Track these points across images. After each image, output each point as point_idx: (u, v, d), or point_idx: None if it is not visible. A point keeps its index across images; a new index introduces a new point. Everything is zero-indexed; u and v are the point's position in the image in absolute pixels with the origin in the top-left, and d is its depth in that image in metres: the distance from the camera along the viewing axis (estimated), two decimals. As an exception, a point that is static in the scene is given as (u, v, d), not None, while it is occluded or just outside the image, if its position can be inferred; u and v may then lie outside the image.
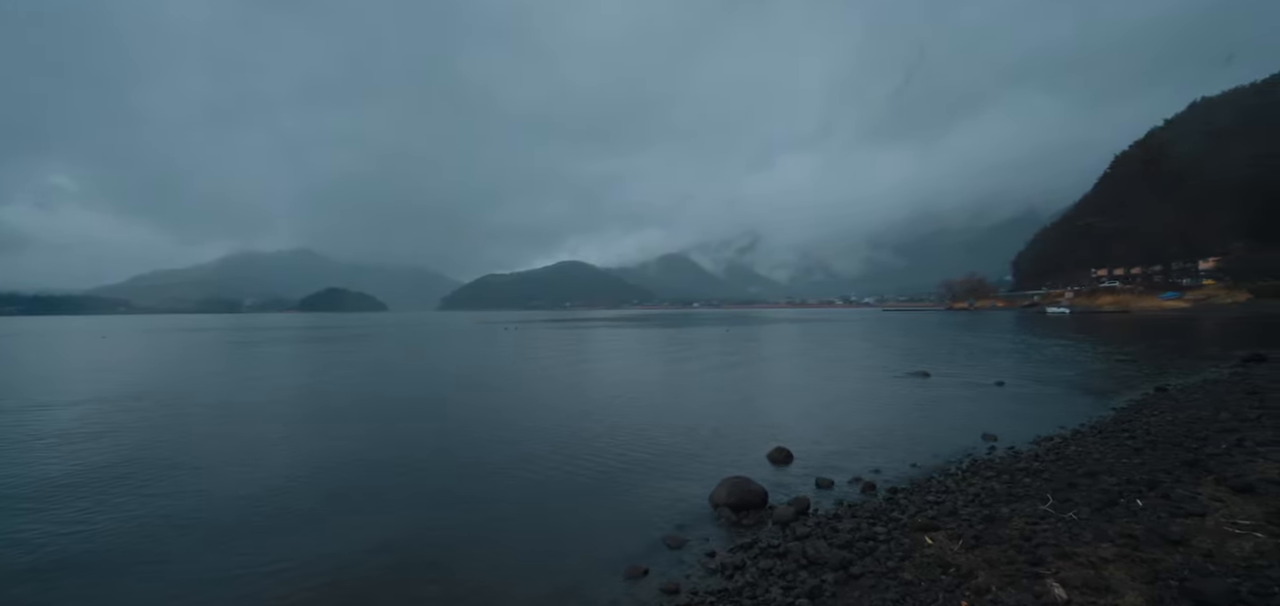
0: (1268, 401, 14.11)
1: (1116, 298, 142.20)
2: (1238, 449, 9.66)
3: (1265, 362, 23.25)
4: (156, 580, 7.01)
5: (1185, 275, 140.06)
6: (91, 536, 8.28)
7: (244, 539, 8.17)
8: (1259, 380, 18.19)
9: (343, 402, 19.60)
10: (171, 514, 9.11)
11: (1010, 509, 7.67)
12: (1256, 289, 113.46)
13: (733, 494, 8.90)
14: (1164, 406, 15.28)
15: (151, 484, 10.63)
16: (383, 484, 10.60)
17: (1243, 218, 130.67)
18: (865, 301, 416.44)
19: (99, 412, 17.56)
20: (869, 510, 8.46)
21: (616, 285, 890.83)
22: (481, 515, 8.99)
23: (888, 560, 6.46)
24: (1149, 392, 18.42)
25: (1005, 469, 10.14)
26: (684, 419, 16.00)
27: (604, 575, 6.96)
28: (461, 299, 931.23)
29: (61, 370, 31.30)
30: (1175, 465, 9.07)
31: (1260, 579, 5.10)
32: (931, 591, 5.57)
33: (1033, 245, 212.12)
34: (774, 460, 11.61)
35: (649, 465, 11.53)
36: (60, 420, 16.48)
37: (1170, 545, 6.02)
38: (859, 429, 14.50)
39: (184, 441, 13.90)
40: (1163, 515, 6.88)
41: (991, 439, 13.12)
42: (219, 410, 18.29)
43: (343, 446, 13.36)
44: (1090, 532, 6.52)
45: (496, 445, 13.27)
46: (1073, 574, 5.51)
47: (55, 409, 18.41)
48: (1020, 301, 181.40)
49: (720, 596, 6.17)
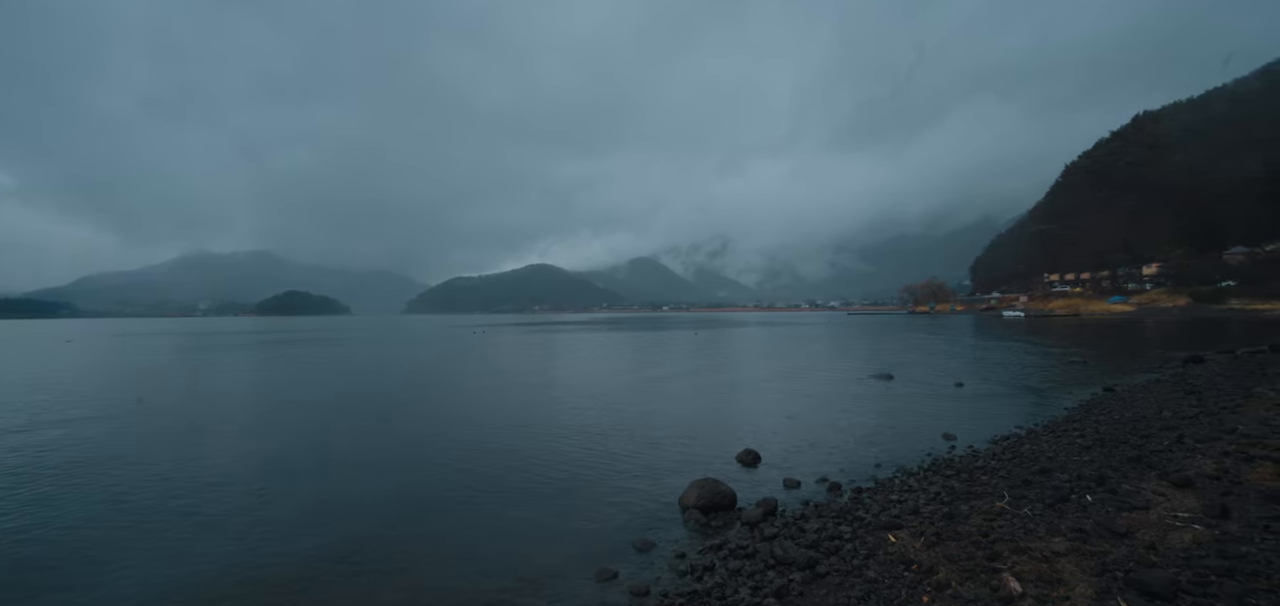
0: (1205, 400, 14.91)
1: (1068, 302, 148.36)
2: (1178, 446, 10.18)
3: (1203, 363, 24.56)
4: (111, 587, 6.68)
5: (1131, 280, 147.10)
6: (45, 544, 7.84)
7: (204, 544, 7.85)
8: (1197, 380, 19.21)
9: (304, 407, 19.00)
10: (127, 521, 8.69)
11: (969, 506, 7.92)
12: (1195, 293, 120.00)
13: (702, 496, 8.95)
14: (1112, 406, 16.01)
15: (109, 490, 10.12)
16: (346, 488, 10.32)
17: (1181, 226, 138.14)
18: (830, 305, 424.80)
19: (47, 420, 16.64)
20: (835, 510, 8.61)
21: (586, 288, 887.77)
22: (449, 520, 8.84)
23: (853, 558, 6.59)
24: (1098, 393, 19.27)
25: (964, 468, 10.46)
26: (653, 422, 16.04)
27: (573, 578, 6.91)
28: (428, 302, 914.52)
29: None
30: (1122, 462, 9.49)
31: (1198, 568, 5.38)
32: (894, 588, 5.71)
33: (990, 251, 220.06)
34: (743, 462, 11.72)
35: (618, 468, 11.50)
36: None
37: (1117, 538, 6.30)
38: (825, 430, 14.76)
39: (142, 450, 13.26)
40: (1110, 509, 7.20)
41: (951, 439, 13.54)
42: (171, 419, 17.50)
43: (305, 451, 12.94)
44: (1044, 527, 6.78)
45: (463, 450, 13.05)
46: (1027, 568, 5.72)
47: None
48: (978, 305, 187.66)
49: (690, 598, 6.20)
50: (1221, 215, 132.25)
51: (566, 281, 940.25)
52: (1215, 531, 6.25)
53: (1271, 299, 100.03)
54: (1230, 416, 12.34)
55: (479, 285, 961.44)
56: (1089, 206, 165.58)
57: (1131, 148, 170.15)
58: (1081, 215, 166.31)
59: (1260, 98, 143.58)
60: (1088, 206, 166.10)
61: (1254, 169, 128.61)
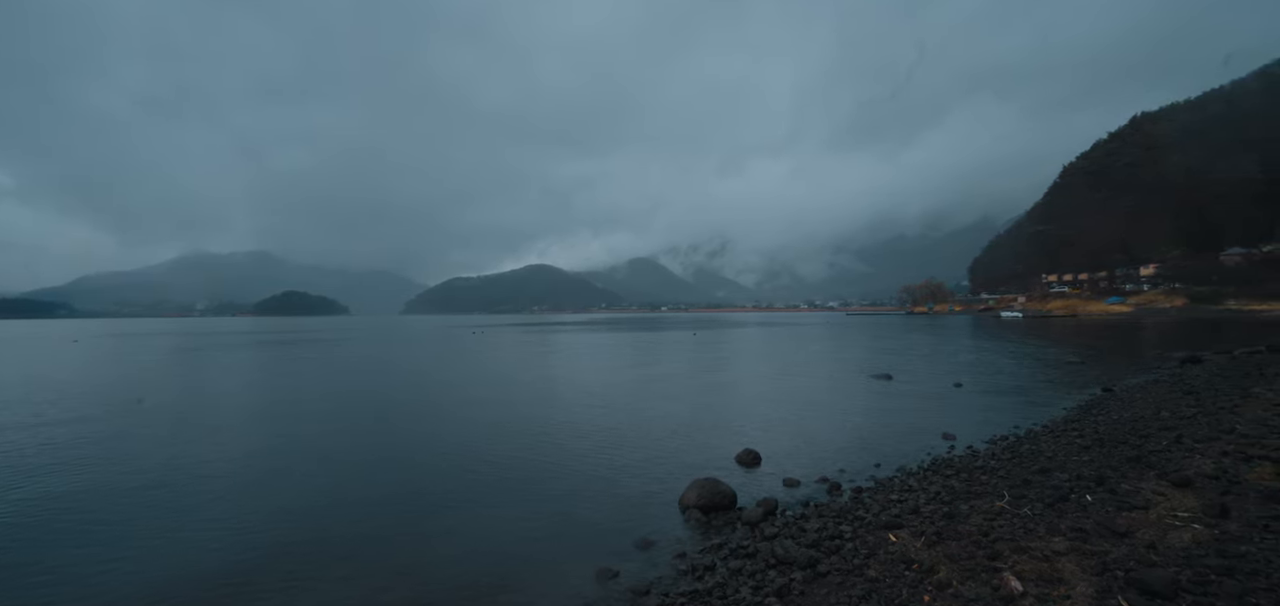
0: (1204, 401, 14.95)
1: (1066, 303, 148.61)
2: (1177, 446, 10.20)
3: (1201, 364, 24.62)
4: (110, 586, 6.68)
5: (1128, 281, 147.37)
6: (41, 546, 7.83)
7: (203, 543, 7.84)
8: (1195, 381, 19.25)
9: (304, 407, 18.96)
10: (126, 519, 8.68)
11: (969, 506, 7.93)
12: (1192, 294, 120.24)
13: (702, 495, 8.96)
14: (1110, 406, 16.05)
15: (109, 490, 10.11)
16: (350, 488, 10.31)
17: (1179, 227, 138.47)
18: (829, 305, 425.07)
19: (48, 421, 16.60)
20: (835, 509, 8.62)
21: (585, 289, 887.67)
22: (449, 520, 8.83)
23: (853, 558, 6.60)
24: (1096, 393, 19.31)
25: (964, 467, 10.47)
26: (653, 422, 16.04)
27: (575, 577, 6.92)
28: (427, 302, 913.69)
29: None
30: (1121, 462, 9.51)
31: (1198, 567, 5.40)
32: (895, 587, 5.72)
33: (988, 252, 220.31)
34: (742, 462, 11.73)
35: (618, 468, 11.51)
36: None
37: (1117, 537, 6.32)
38: (825, 430, 14.77)
39: (142, 448, 13.23)
40: (1110, 509, 7.21)
41: (951, 439, 13.55)
42: (172, 418, 17.46)
43: (306, 450, 12.93)
44: (1044, 527, 6.79)
45: (462, 450, 13.04)
46: (1028, 567, 5.73)
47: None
48: (976, 306, 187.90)
49: (691, 597, 6.20)
50: (1219, 216, 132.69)
51: (565, 282, 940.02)
52: (1215, 531, 6.26)
53: (1268, 299, 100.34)
54: (1228, 416, 12.37)
55: (478, 285, 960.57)
56: (1087, 207, 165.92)
57: (1129, 148, 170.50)
58: (1079, 216, 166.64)
59: (1257, 99, 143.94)
60: (1085, 207, 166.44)
61: (1250, 170, 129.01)
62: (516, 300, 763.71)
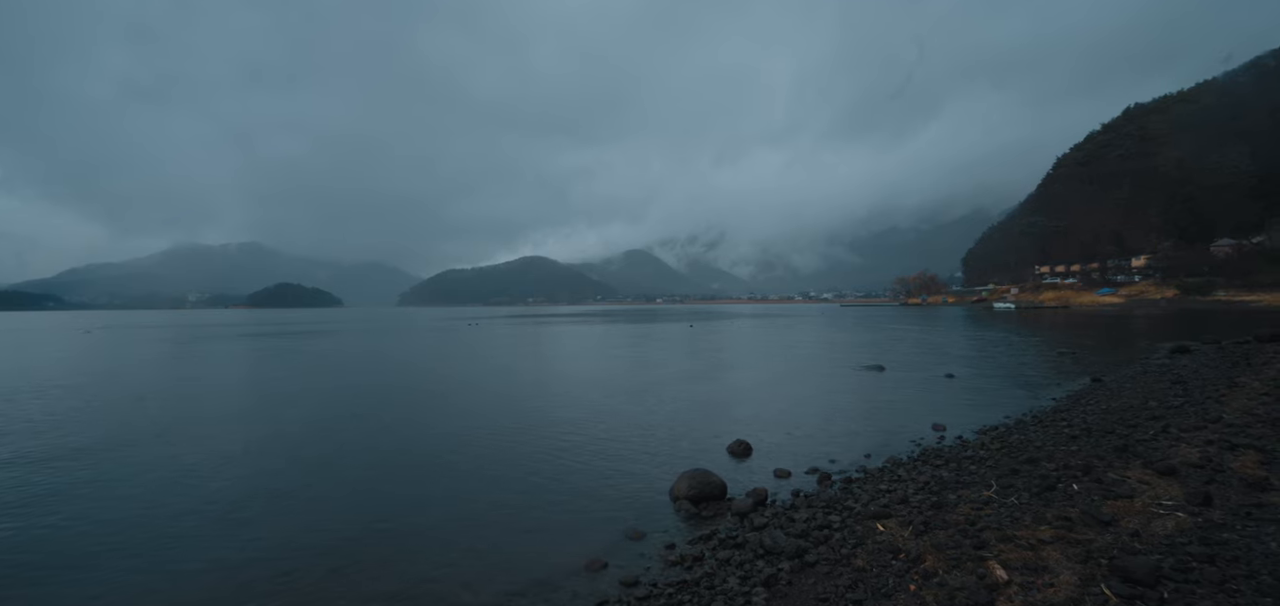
0: (1191, 391, 15.08)
1: (1058, 294, 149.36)
2: (1163, 435, 10.30)
3: (1189, 354, 24.82)
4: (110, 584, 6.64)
5: (1120, 273, 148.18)
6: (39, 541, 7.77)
7: (200, 540, 7.82)
8: (1183, 371, 19.40)
9: (299, 400, 18.90)
10: (125, 518, 8.64)
11: (957, 495, 7.98)
12: (1183, 285, 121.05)
13: (692, 486, 8.98)
14: (1099, 396, 16.17)
15: (109, 488, 10.05)
16: (337, 481, 10.30)
17: (1170, 218, 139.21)
18: (824, 297, 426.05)
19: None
20: (825, 499, 8.67)
21: (580, 280, 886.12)
22: (441, 512, 8.83)
23: (842, 548, 6.63)
24: (1086, 384, 19.46)
25: (953, 457, 10.54)
26: (645, 413, 16.07)
27: (564, 569, 6.93)
28: (421, 294, 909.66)
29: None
30: (1108, 451, 9.59)
31: (1180, 554, 5.45)
32: (882, 577, 5.75)
33: (981, 243, 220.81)
34: (734, 453, 11.77)
35: (610, 459, 11.53)
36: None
37: (1102, 526, 6.37)
38: (817, 421, 14.84)
39: (142, 447, 13.17)
40: (1096, 498, 7.27)
41: (941, 429, 13.64)
42: (162, 412, 17.37)
43: (296, 444, 12.90)
44: (1030, 516, 6.84)
45: (455, 442, 13.04)
46: (1013, 555, 5.77)
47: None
48: (969, 297, 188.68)
49: (679, 588, 6.22)
50: (1210, 208, 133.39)
51: (560, 273, 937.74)
52: (1198, 518, 6.32)
53: (1258, 291, 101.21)
54: (1215, 406, 12.49)
55: (472, 277, 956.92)
56: (1079, 199, 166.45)
57: (1122, 140, 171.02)
58: (1072, 208, 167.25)
59: (1249, 91, 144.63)
60: (1078, 199, 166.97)
61: (1242, 162, 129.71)
62: (511, 292, 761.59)
